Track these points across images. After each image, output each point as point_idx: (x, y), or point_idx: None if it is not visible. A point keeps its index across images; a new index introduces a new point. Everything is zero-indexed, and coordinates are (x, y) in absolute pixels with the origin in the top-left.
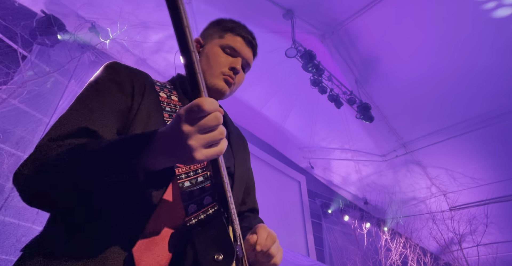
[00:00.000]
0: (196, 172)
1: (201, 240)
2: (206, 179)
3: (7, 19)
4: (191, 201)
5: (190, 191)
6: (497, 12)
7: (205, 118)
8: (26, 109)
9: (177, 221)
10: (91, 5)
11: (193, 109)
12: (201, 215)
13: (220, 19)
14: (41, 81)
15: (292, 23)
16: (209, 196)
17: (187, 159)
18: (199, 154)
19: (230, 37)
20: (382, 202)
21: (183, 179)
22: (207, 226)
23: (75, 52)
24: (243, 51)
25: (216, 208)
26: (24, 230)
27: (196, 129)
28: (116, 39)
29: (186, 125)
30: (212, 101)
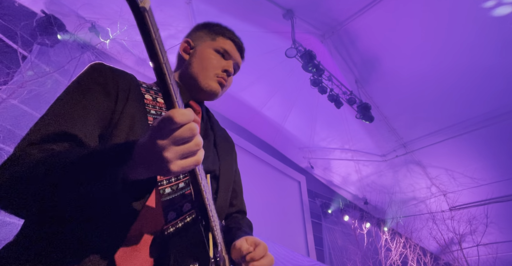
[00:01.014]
0: (177, 178)
1: (178, 249)
2: (187, 185)
3: (7, 19)
4: (170, 208)
5: (171, 199)
6: (497, 11)
7: (179, 130)
8: (26, 109)
9: (158, 228)
10: (91, 5)
11: (165, 122)
12: (179, 223)
13: (209, 23)
14: (41, 81)
15: (292, 23)
16: (189, 203)
17: (163, 171)
18: (174, 166)
19: (222, 40)
20: (382, 202)
21: (164, 185)
22: (184, 234)
23: (75, 52)
24: (234, 55)
25: (194, 215)
26: None
27: (170, 142)
28: (116, 39)
29: (160, 138)
30: (184, 112)
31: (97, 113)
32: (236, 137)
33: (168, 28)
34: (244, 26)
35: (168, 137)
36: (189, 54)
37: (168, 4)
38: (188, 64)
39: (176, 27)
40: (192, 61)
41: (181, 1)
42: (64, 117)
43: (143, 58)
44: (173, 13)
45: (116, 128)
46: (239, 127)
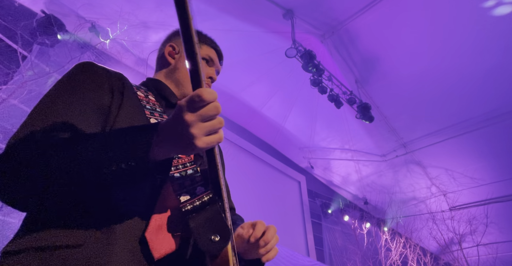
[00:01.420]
0: (184, 165)
1: (197, 223)
2: (195, 172)
3: (7, 19)
4: (183, 191)
5: (181, 183)
6: (497, 10)
7: (205, 108)
8: (26, 109)
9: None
10: (91, 5)
11: (194, 99)
12: (196, 201)
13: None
14: (41, 81)
15: (292, 23)
16: (201, 186)
17: (188, 147)
18: (200, 141)
19: (206, 49)
20: (382, 202)
21: (172, 171)
22: (202, 210)
23: (75, 52)
24: (217, 63)
25: (211, 195)
26: None
27: (197, 118)
28: (116, 39)
29: (188, 114)
30: (211, 91)
31: (95, 107)
32: (236, 136)
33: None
34: (244, 26)
35: (196, 113)
36: (174, 58)
37: (168, 4)
38: (175, 69)
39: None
40: (180, 66)
41: None
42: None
43: (143, 58)
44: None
45: (116, 121)
46: (239, 127)
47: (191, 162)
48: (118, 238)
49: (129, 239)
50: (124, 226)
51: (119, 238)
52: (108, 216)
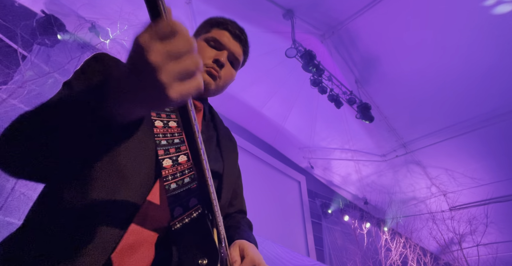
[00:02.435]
0: (183, 173)
1: (186, 245)
2: (192, 180)
3: (7, 19)
4: (177, 204)
5: (176, 194)
6: (498, 9)
7: (172, 41)
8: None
9: (162, 224)
10: (91, 5)
11: (153, 28)
12: (186, 218)
13: (211, 17)
14: (41, 81)
15: (292, 23)
16: (195, 198)
17: (158, 100)
18: (172, 90)
19: (216, 31)
20: (382, 202)
21: (169, 180)
22: (192, 230)
23: (75, 52)
24: (228, 44)
25: (200, 210)
26: None
27: (163, 57)
28: (116, 39)
29: (149, 53)
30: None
31: None
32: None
33: None
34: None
35: (160, 51)
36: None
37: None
38: None
39: None
40: None
41: (181, 1)
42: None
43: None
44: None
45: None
46: (239, 127)
47: (189, 168)
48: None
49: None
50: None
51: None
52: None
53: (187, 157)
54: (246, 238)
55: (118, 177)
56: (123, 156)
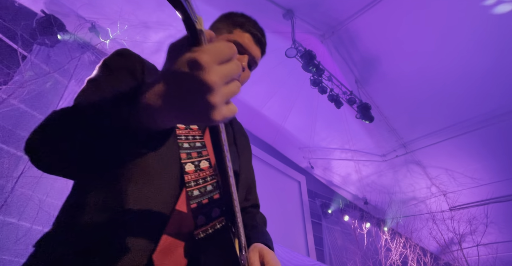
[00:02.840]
0: (205, 180)
1: (208, 255)
2: (214, 189)
3: (7, 19)
4: (199, 212)
5: (199, 202)
6: (498, 9)
7: (230, 65)
8: (26, 109)
9: (187, 231)
10: (91, 5)
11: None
12: (209, 229)
13: (231, 13)
14: (41, 81)
15: (292, 23)
16: (217, 208)
17: (201, 119)
18: (218, 112)
19: (239, 33)
20: (382, 202)
21: (192, 186)
22: (214, 241)
23: (75, 52)
24: (250, 49)
25: (224, 223)
26: (24, 230)
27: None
28: (116, 39)
29: (211, 75)
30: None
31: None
32: None
33: (168, 28)
34: None
35: (219, 73)
36: None
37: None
38: None
39: (176, 27)
40: None
41: None
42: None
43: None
44: (173, 13)
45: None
46: None
47: (211, 175)
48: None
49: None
50: (133, 243)
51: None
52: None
53: (208, 163)
54: (264, 241)
55: (149, 180)
56: (152, 158)
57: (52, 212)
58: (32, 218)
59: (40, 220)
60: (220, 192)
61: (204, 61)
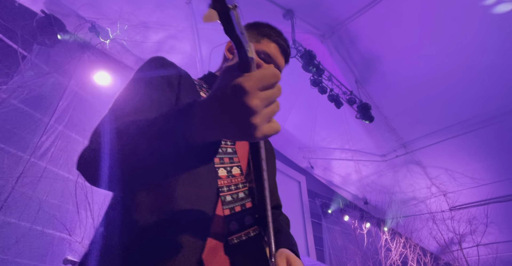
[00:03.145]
0: (237, 186)
1: (242, 259)
2: (246, 197)
3: (7, 19)
4: (232, 218)
5: (231, 208)
6: (497, 8)
7: (264, 71)
8: (26, 109)
9: (222, 235)
10: (91, 5)
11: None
12: (243, 236)
13: (258, 23)
14: (41, 81)
15: (292, 23)
16: (250, 216)
17: (244, 137)
18: (259, 132)
19: (266, 43)
20: (382, 202)
21: (225, 192)
22: (247, 249)
23: (75, 52)
24: (277, 58)
25: (257, 232)
26: (24, 230)
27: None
28: (116, 39)
29: (254, 99)
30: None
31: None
32: None
33: (168, 28)
34: None
35: (262, 98)
36: (232, 53)
37: (168, 4)
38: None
39: (176, 27)
40: (234, 61)
41: (181, 1)
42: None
43: (143, 58)
44: (173, 13)
45: None
46: None
47: (243, 183)
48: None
49: (187, 262)
50: (182, 249)
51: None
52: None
53: (240, 170)
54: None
55: (193, 182)
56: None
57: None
58: (32, 218)
59: (40, 220)
60: (252, 201)
61: (248, 87)
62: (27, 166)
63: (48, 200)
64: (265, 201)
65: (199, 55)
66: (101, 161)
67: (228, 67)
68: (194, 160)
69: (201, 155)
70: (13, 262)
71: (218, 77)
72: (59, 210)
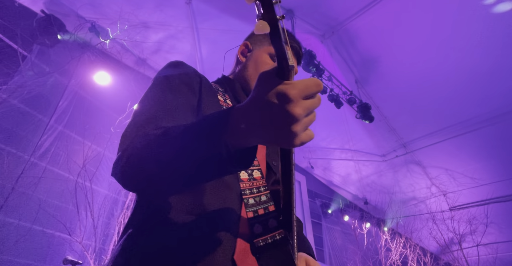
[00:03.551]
0: (259, 190)
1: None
2: (268, 200)
3: (7, 19)
4: (256, 221)
5: (255, 210)
6: (497, 7)
7: (314, 100)
8: (26, 109)
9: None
10: (91, 5)
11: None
12: (269, 239)
13: None
14: (41, 81)
15: (292, 23)
16: (274, 219)
17: (281, 143)
18: (298, 139)
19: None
20: (382, 202)
21: (247, 194)
22: (274, 251)
23: (75, 52)
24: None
25: (283, 235)
26: (24, 230)
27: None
28: (116, 39)
29: (298, 108)
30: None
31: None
32: None
33: (168, 28)
34: (244, 26)
35: (303, 107)
36: (246, 57)
37: (168, 4)
38: (244, 67)
39: (176, 27)
40: (248, 64)
41: (181, 1)
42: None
43: (143, 58)
44: (173, 13)
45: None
46: None
47: (265, 186)
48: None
49: (222, 260)
50: (213, 250)
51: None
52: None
53: (260, 174)
54: (307, 249)
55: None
56: None
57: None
58: (32, 218)
59: (40, 220)
60: (275, 204)
61: (292, 95)
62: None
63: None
64: (291, 205)
65: (199, 55)
66: (137, 166)
67: (266, 74)
68: (233, 166)
69: (241, 161)
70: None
71: (256, 84)
72: (59, 210)
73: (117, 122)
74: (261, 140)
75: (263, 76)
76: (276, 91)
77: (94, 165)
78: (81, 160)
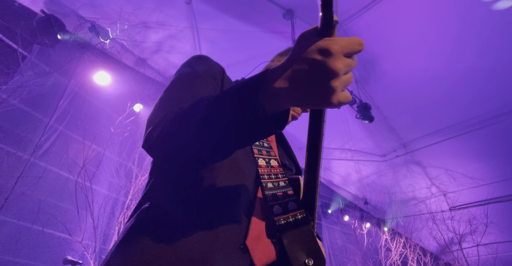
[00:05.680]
0: (277, 176)
1: (291, 241)
2: (287, 185)
3: (7, 19)
4: (275, 202)
5: (273, 194)
6: (498, 5)
7: (353, 59)
8: (26, 109)
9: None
10: (91, 5)
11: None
12: (290, 218)
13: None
14: (41, 81)
15: (292, 23)
16: (293, 202)
17: (320, 101)
18: (335, 96)
19: None
20: (382, 202)
21: (266, 179)
22: (296, 230)
23: (75, 52)
24: None
25: (305, 215)
26: (24, 230)
27: (344, 69)
28: (116, 39)
29: (339, 62)
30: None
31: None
32: None
33: (168, 28)
34: (244, 26)
35: (344, 63)
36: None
37: (168, 4)
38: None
39: (176, 27)
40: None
41: (181, 1)
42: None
43: (143, 58)
44: (173, 13)
45: None
46: None
47: (282, 174)
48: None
49: (231, 246)
50: (226, 231)
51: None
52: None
53: (277, 162)
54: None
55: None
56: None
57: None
58: (32, 218)
59: (40, 220)
60: (294, 189)
61: (334, 50)
62: (27, 166)
63: (48, 200)
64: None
65: None
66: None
67: (307, 33)
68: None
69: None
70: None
71: (295, 44)
72: (59, 210)
73: (117, 122)
74: (298, 99)
75: (303, 35)
76: (316, 47)
77: (94, 165)
78: (81, 160)
